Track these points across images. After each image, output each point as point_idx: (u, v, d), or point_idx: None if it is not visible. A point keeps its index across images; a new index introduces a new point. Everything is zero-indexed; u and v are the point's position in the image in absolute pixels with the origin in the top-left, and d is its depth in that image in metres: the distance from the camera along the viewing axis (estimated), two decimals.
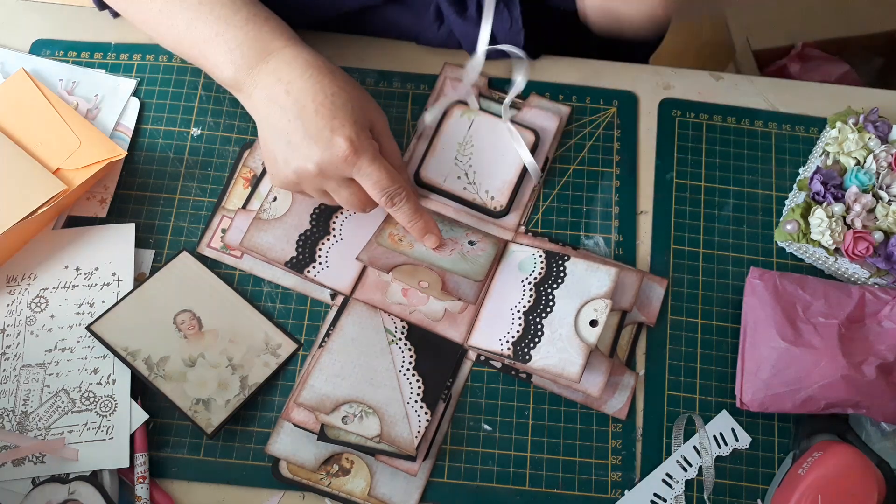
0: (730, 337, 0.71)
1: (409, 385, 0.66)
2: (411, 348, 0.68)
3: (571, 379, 0.64)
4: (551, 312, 0.66)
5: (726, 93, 0.78)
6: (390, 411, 0.65)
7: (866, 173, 0.69)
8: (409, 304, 0.69)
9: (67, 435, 0.65)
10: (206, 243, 0.71)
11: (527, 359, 0.65)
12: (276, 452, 0.65)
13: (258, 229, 0.70)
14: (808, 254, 0.71)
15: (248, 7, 0.64)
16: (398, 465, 0.65)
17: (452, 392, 0.68)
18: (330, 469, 0.65)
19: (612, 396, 0.68)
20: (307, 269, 0.69)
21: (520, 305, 0.68)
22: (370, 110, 0.65)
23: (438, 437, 0.67)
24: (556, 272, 0.68)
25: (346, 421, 0.64)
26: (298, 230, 0.70)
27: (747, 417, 0.68)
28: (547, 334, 0.66)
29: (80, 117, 0.71)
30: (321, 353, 0.67)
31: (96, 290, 0.69)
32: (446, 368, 0.67)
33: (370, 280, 0.70)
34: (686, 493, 0.66)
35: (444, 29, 0.76)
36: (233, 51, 0.63)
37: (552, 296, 0.67)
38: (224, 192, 0.73)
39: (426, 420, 0.65)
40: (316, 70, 0.62)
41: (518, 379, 0.69)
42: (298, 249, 0.69)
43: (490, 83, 0.77)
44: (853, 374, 0.63)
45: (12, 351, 0.67)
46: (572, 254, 0.70)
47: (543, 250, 0.70)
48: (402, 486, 0.65)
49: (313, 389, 0.65)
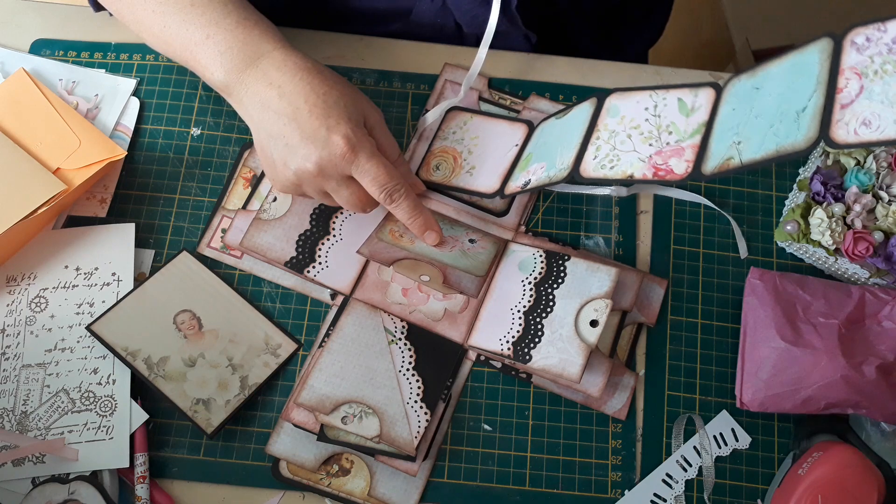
0: (730, 337, 0.71)
1: (409, 385, 0.66)
2: (411, 348, 0.68)
3: (572, 379, 0.64)
4: (551, 312, 0.66)
5: None
6: (390, 411, 0.65)
7: (866, 173, 0.69)
8: (408, 304, 0.69)
9: (67, 435, 0.64)
10: (206, 243, 0.71)
11: (527, 359, 0.65)
12: (276, 452, 0.65)
13: (258, 229, 0.70)
14: (808, 254, 0.71)
15: (239, 11, 0.64)
16: (398, 465, 0.65)
17: (452, 392, 0.68)
18: (330, 469, 0.65)
19: (612, 397, 0.68)
20: (307, 269, 0.69)
21: (520, 305, 0.68)
22: (363, 105, 0.65)
23: (438, 437, 0.67)
24: (557, 272, 0.68)
25: (345, 421, 0.64)
26: (298, 230, 0.70)
27: (747, 417, 0.68)
28: (547, 334, 0.66)
29: (80, 117, 0.71)
30: (321, 353, 0.67)
31: (96, 290, 0.69)
32: (446, 368, 0.68)
33: (370, 280, 0.70)
34: (686, 494, 0.66)
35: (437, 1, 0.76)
36: (223, 53, 0.63)
37: (552, 296, 0.67)
38: (224, 192, 0.73)
39: (426, 420, 0.65)
40: (306, 72, 0.63)
41: (518, 379, 0.69)
42: (298, 249, 0.69)
43: (490, 83, 0.77)
44: (853, 375, 0.63)
45: (12, 351, 0.67)
46: (572, 254, 0.70)
47: (544, 250, 0.70)
48: (401, 486, 0.65)
49: (313, 390, 0.65)
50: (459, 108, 0.75)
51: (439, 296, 0.69)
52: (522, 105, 0.76)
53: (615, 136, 0.64)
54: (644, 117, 0.64)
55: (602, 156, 0.64)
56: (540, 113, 0.75)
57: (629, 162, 0.62)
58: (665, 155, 0.62)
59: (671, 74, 0.79)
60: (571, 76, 0.78)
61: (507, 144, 0.73)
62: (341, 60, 0.78)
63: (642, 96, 0.65)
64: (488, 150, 0.73)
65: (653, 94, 0.64)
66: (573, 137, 0.67)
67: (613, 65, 0.79)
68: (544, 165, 0.68)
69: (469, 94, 0.76)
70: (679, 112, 0.63)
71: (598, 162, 0.64)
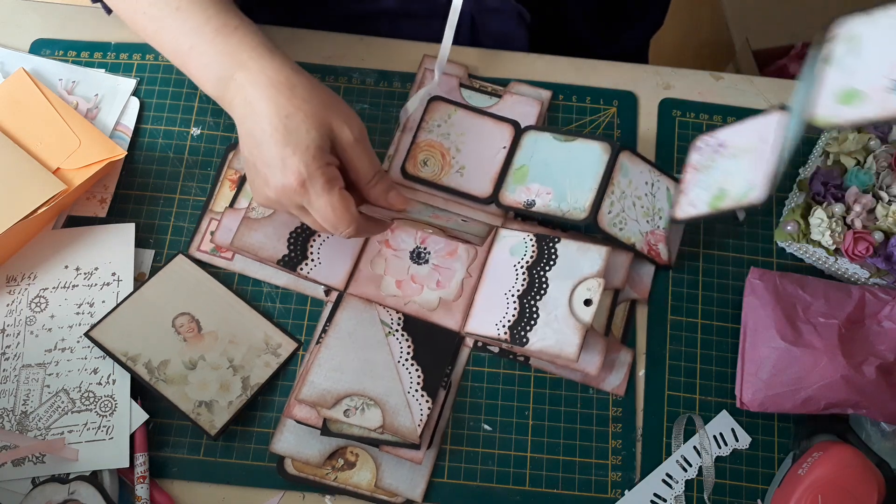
0: (730, 337, 0.71)
1: (409, 375, 0.67)
2: (408, 339, 0.68)
3: (569, 359, 0.64)
4: (545, 294, 0.67)
5: (726, 93, 0.78)
6: (391, 402, 0.65)
7: (866, 173, 0.69)
8: (403, 296, 0.70)
9: (67, 435, 0.64)
10: (195, 247, 0.71)
11: (524, 342, 0.65)
12: (281, 451, 0.66)
13: (248, 228, 0.69)
14: (808, 254, 0.71)
15: (219, 15, 0.62)
16: (403, 454, 0.65)
17: (452, 379, 0.68)
18: (335, 463, 0.66)
19: (610, 374, 0.69)
20: (300, 267, 0.69)
21: (514, 289, 0.68)
22: (332, 125, 0.61)
23: (441, 424, 0.67)
24: (548, 254, 0.69)
25: (348, 414, 0.64)
26: (289, 227, 0.70)
27: (747, 417, 0.68)
28: (542, 316, 0.66)
29: (79, 117, 0.71)
30: (319, 349, 0.67)
31: (96, 290, 0.69)
32: (444, 356, 0.68)
33: (363, 274, 0.70)
34: (686, 493, 0.66)
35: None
36: (206, 66, 0.62)
37: (545, 278, 0.68)
38: (211, 194, 0.73)
39: (427, 408, 0.65)
40: (275, 89, 0.60)
41: (517, 362, 0.69)
42: (290, 247, 0.69)
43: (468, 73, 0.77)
44: (853, 375, 0.63)
45: (12, 351, 0.67)
46: (562, 236, 0.70)
47: (534, 233, 0.70)
48: (407, 475, 0.65)
49: (313, 385, 0.65)
50: (443, 100, 0.75)
51: (433, 285, 0.69)
52: (504, 90, 0.76)
53: (625, 199, 0.69)
54: (644, 191, 0.70)
55: (614, 213, 0.68)
56: (521, 97, 0.75)
57: (633, 231, 0.69)
58: (656, 237, 0.70)
59: (671, 74, 0.79)
60: (571, 76, 0.78)
61: (495, 145, 0.73)
62: (341, 60, 0.77)
63: (644, 168, 0.71)
64: (477, 150, 0.73)
65: (651, 170, 0.72)
66: (587, 180, 0.69)
67: (614, 65, 0.79)
68: (552, 193, 0.69)
69: (449, 80, 0.76)
70: (667, 201, 0.71)
71: (612, 219, 0.68)
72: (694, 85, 0.79)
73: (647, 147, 0.76)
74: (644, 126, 0.77)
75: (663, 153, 0.76)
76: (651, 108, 0.77)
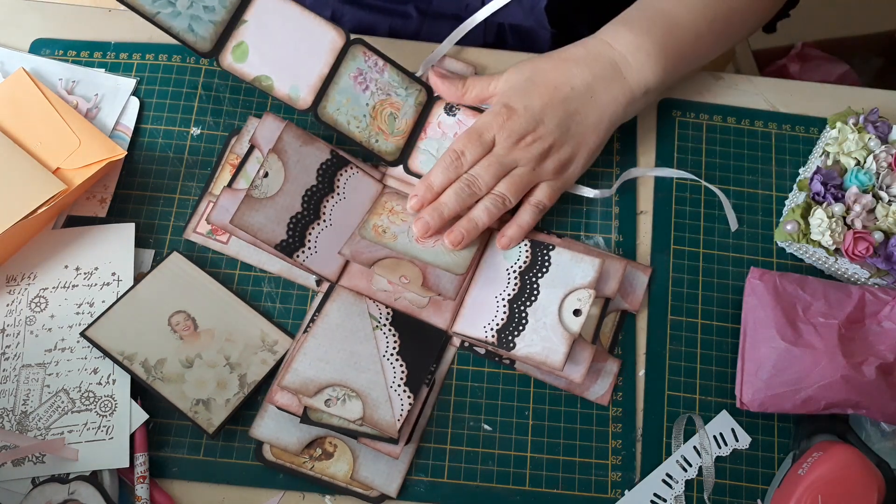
0: (730, 337, 0.71)
1: (393, 369, 0.67)
2: (395, 334, 0.68)
3: (555, 367, 0.64)
4: (536, 301, 0.67)
5: (726, 93, 0.78)
6: (373, 395, 0.65)
7: (866, 173, 0.69)
8: (394, 291, 0.70)
9: (67, 435, 0.64)
10: (192, 228, 0.71)
11: (511, 346, 0.65)
12: (260, 436, 0.66)
13: (250, 207, 0.67)
14: (808, 254, 0.71)
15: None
16: (380, 447, 0.65)
17: (436, 377, 0.68)
18: (313, 453, 0.66)
19: (595, 383, 0.68)
20: (297, 254, 0.68)
21: (504, 293, 0.68)
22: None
23: (422, 421, 0.67)
24: (541, 261, 0.69)
25: (328, 404, 0.64)
26: (290, 212, 0.69)
27: (747, 417, 0.68)
28: (531, 322, 0.66)
29: (79, 117, 0.71)
30: (306, 337, 0.67)
31: (96, 289, 0.69)
32: (430, 354, 0.68)
33: (356, 267, 0.70)
34: (686, 494, 0.66)
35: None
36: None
37: (537, 285, 0.68)
38: (211, 178, 0.73)
39: (409, 404, 0.65)
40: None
41: (502, 364, 0.69)
42: (289, 232, 0.69)
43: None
44: (853, 375, 0.63)
45: (12, 351, 0.67)
46: (557, 243, 0.70)
47: (529, 239, 0.70)
48: (384, 469, 0.65)
49: (297, 373, 0.65)
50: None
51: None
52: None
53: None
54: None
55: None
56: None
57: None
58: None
59: None
60: None
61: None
62: None
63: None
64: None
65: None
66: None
67: None
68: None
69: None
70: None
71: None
72: (694, 85, 0.78)
73: (647, 147, 0.76)
74: (644, 126, 0.77)
75: (663, 153, 0.76)
76: (651, 108, 0.77)
